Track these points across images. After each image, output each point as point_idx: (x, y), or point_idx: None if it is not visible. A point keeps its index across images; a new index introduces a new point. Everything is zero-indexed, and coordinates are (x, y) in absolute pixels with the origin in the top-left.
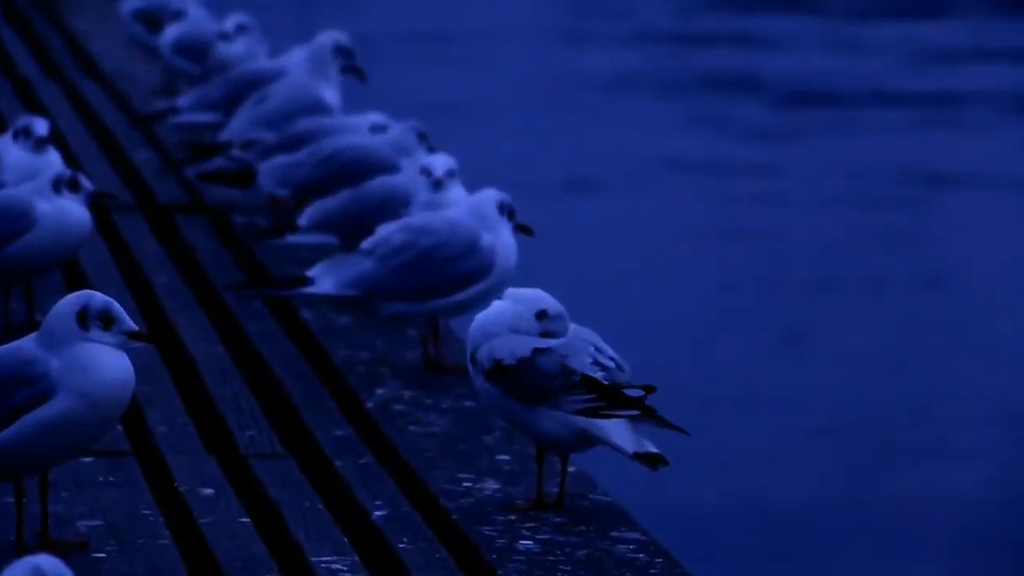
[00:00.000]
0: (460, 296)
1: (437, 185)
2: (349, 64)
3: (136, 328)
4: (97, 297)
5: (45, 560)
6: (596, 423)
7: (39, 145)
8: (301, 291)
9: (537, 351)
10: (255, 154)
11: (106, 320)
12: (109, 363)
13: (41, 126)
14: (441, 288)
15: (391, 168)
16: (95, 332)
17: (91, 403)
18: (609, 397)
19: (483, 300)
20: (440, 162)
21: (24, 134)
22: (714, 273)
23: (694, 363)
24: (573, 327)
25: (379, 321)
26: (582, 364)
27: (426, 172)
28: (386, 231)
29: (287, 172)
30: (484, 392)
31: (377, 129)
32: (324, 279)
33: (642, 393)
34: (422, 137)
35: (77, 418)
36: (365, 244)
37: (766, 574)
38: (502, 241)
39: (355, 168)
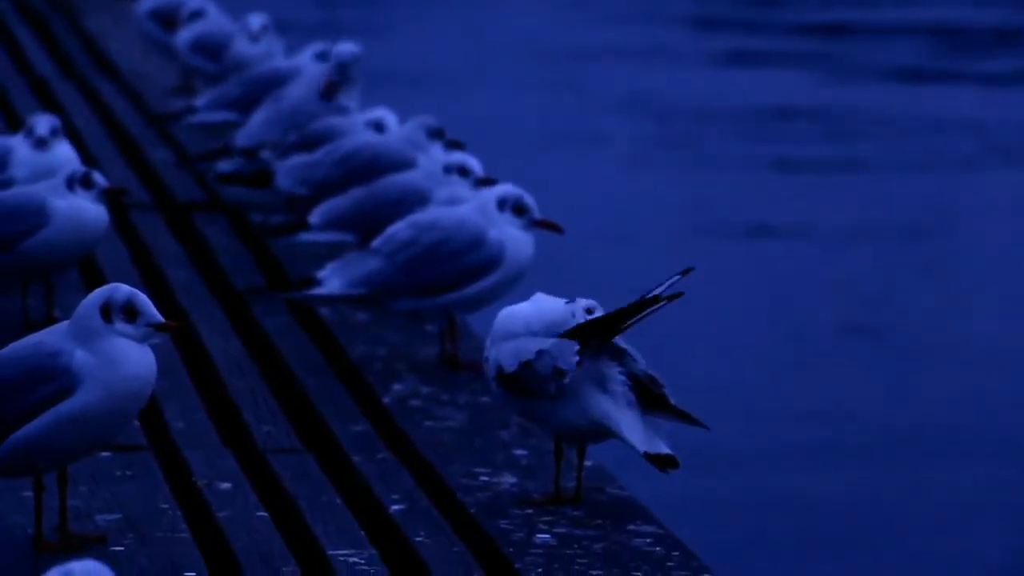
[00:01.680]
0: (470, 290)
1: (478, 184)
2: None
3: (162, 320)
4: (122, 290)
5: (80, 566)
6: (611, 417)
7: (39, 144)
8: (309, 292)
9: (539, 353)
10: (273, 154)
11: (130, 312)
12: (132, 358)
13: (42, 125)
14: (449, 283)
15: (408, 165)
16: (119, 325)
17: (113, 398)
18: (600, 328)
19: (497, 294)
20: (475, 161)
21: (29, 133)
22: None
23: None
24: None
25: (395, 318)
26: (569, 363)
27: (463, 171)
28: (394, 228)
29: (305, 172)
30: (497, 394)
31: (380, 127)
32: (332, 279)
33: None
34: (437, 132)
35: (98, 413)
36: (375, 242)
37: (785, 565)
38: (512, 236)
39: (374, 166)
